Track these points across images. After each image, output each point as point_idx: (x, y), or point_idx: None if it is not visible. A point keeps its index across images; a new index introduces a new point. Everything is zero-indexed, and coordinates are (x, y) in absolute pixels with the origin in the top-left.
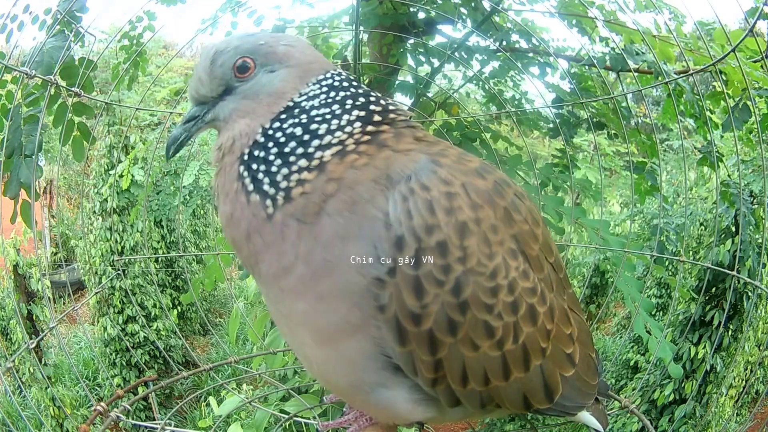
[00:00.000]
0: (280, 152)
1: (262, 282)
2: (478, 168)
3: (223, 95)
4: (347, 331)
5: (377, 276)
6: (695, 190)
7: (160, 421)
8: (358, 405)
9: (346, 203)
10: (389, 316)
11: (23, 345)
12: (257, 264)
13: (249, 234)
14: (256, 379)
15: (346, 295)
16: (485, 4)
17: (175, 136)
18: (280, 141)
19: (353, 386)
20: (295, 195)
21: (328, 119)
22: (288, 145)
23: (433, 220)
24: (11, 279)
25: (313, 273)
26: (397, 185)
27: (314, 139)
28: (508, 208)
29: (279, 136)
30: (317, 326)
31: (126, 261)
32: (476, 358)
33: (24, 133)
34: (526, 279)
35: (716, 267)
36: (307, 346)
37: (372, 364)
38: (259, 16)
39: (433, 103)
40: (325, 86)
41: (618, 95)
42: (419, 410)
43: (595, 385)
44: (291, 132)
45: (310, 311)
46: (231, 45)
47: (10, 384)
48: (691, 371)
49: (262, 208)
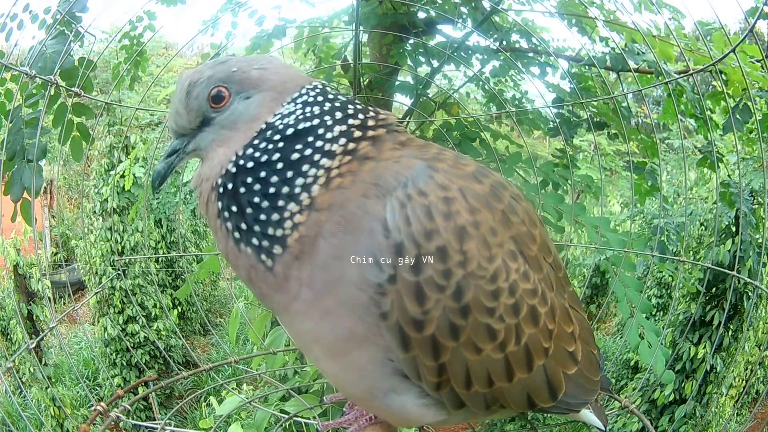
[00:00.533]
0: (264, 192)
1: (274, 311)
2: (475, 172)
3: (202, 126)
4: (355, 343)
5: (378, 284)
6: (695, 190)
7: (160, 421)
8: (374, 411)
9: (339, 224)
10: (391, 323)
11: (23, 345)
12: (265, 301)
13: (251, 279)
14: (256, 379)
15: (349, 309)
16: (485, 3)
17: (158, 171)
18: (256, 172)
19: (367, 393)
20: (291, 242)
21: (309, 142)
22: (270, 181)
23: (431, 226)
24: (11, 279)
25: (315, 294)
26: (393, 192)
27: (298, 177)
28: (505, 210)
29: (252, 165)
30: (326, 341)
31: (126, 261)
32: (479, 361)
33: (26, 136)
34: (527, 280)
35: (716, 267)
36: (321, 361)
37: (382, 371)
38: (261, 16)
39: (433, 103)
40: (300, 103)
41: (618, 95)
42: (430, 413)
43: (597, 381)
44: (266, 159)
45: (316, 329)
46: (204, 75)
47: (10, 384)
48: (691, 371)
49: (258, 260)
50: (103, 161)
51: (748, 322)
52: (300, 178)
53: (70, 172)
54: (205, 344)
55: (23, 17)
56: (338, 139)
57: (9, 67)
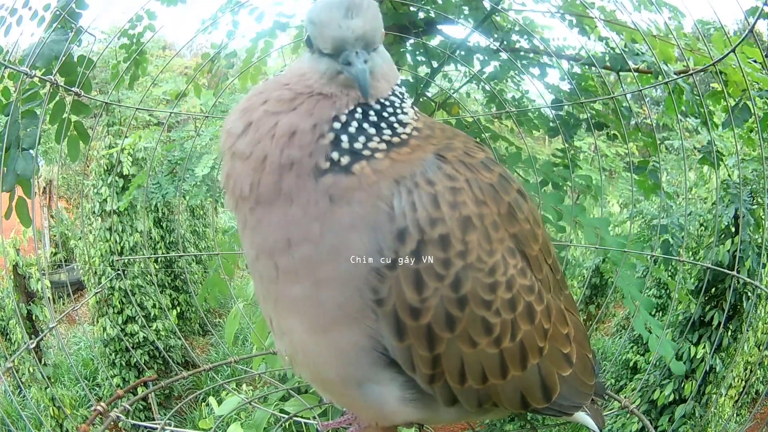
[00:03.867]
0: (376, 123)
1: (255, 258)
2: (484, 160)
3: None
4: (342, 321)
5: (378, 268)
6: (695, 191)
7: (160, 421)
8: (343, 400)
9: (370, 196)
10: (388, 309)
11: (23, 345)
12: (254, 212)
13: (281, 175)
14: (255, 380)
15: (345, 285)
16: (485, 3)
17: (363, 71)
18: (381, 114)
19: (341, 379)
20: (356, 169)
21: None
22: (383, 118)
23: (437, 214)
24: (11, 279)
25: (317, 256)
26: (403, 181)
27: (387, 129)
28: (512, 204)
29: (389, 108)
30: (311, 313)
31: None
32: (474, 355)
33: (21, 126)
34: (524, 277)
35: (716, 267)
36: (295, 333)
37: (364, 358)
38: (260, 14)
39: (433, 103)
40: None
41: (618, 95)
42: (408, 410)
43: (592, 385)
44: (387, 114)
45: (306, 297)
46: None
47: (10, 384)
48: (691, 371)
49: (326, 159)
50: (102, 161)
51: (748, 323)
52: (399, 127)
53: (69, 172)
54: (204, 344)
55: (23, 13)
56: (406, 125)
57: (9, 67)
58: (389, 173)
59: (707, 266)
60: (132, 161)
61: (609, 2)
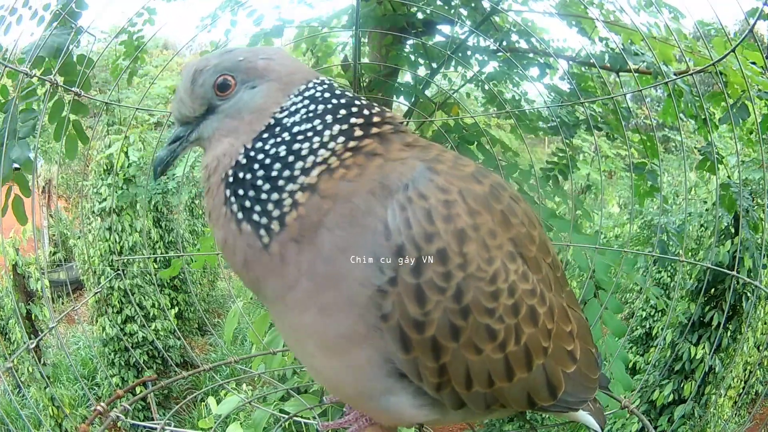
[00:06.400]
0: (267, 176)
1: (268, 302)
2: (474, 172)
3: (206, 114)
4: (353, 342)
5: (379, 285)
6: (695, 191)
7: (160, 421)
8: (368, 412)
9: (345, 216)
10: (392, 324)
11: (22, 345)
12: (260, 288)
13: (247, 262)
14: (255, 380)
15: (350, 307)
16: (485, 4)
17: (160, 158)
18: (264, 162)
19: (362, 394)
20: (289, 221)
21: (309, 137)
22: (273, 168)
23: (432, 229)
24: (10, 278)
25: (316, 286)
26: (395, 194)
27: (298, 161)
28: (504, 211)
29: (261, 157)
30: (323, 338)
31: (125, 261)
32: (480, 361)
33: (19, 120)
34: (526, 281)
35: (716, 267)
36: (315, 358)
37: (378, 372)
38: (259, 16)
39: (433, 104)
40: (307, 98)
41: (617, 95)
42: (423, 413)
43: (596, 379)
44: (274, 152)
45: (315, 323)
46: (210, 63)
47: (9, 383)
48: (690, 372)
49: (257, 237)
50: (102, 161)
51: (747, 323)
52: (300, 162)
53: (68, 171)
54: (204, 344)
55: (23, 12)
56: (337, 138)
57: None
58: (360, 186)
59: (707, 266)
60: (129, 164)
61: (609, 2)
